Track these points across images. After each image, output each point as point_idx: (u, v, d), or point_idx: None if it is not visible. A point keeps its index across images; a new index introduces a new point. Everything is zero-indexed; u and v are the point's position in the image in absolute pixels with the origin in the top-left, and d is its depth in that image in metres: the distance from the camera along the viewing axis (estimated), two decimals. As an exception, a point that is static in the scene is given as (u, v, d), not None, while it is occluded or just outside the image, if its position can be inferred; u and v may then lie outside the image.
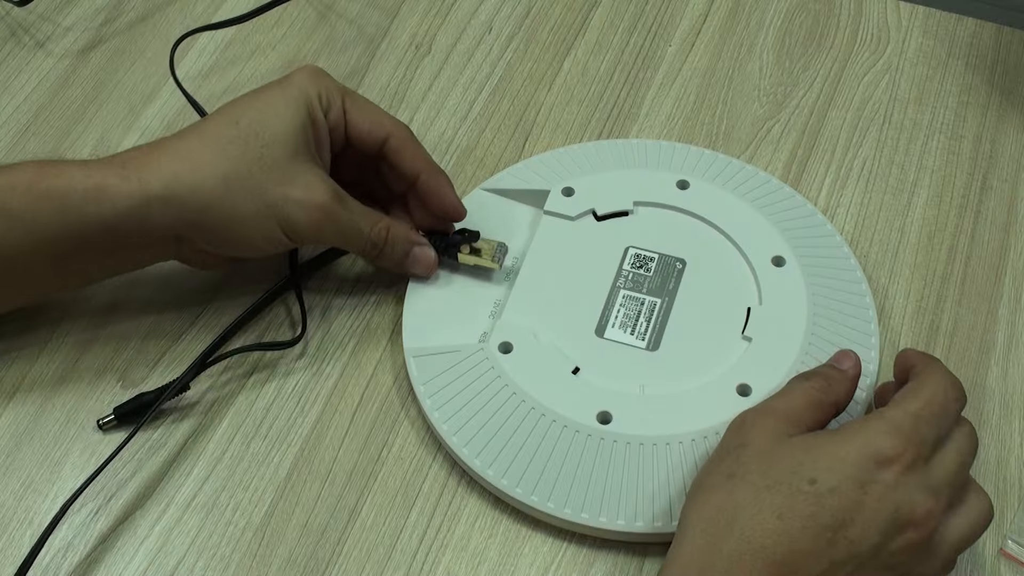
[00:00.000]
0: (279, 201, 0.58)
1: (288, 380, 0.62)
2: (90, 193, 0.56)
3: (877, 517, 0.48)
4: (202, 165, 0.57)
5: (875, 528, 0.47)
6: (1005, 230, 0.67)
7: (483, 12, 0.77)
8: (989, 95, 0.72)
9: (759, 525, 0.48)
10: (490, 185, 0.67)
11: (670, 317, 0.61)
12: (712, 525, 0.48)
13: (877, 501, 0.48)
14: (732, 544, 0.47)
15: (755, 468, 0.49)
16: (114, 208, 0.56)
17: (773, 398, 0.53)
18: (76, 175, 0.56)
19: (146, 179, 0.56)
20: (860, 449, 0.49)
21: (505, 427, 0.58)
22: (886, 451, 0.48)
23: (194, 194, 0.57)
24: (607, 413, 0.58)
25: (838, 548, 0.47)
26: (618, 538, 0.56)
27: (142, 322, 0.64)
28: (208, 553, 0.57)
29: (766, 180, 0.67)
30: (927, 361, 0.53)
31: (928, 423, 0.50)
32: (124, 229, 0.57)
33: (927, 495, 0.48)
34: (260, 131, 0.58)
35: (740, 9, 0.77)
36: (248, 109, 0.59)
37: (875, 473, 0.48)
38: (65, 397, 0.61)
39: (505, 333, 0.60)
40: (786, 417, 0.51)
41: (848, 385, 0.54)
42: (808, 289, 0.61)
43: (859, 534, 0.47)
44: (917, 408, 0.50)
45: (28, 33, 0.77)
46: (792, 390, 0.53)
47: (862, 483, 0.48)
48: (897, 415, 0.50)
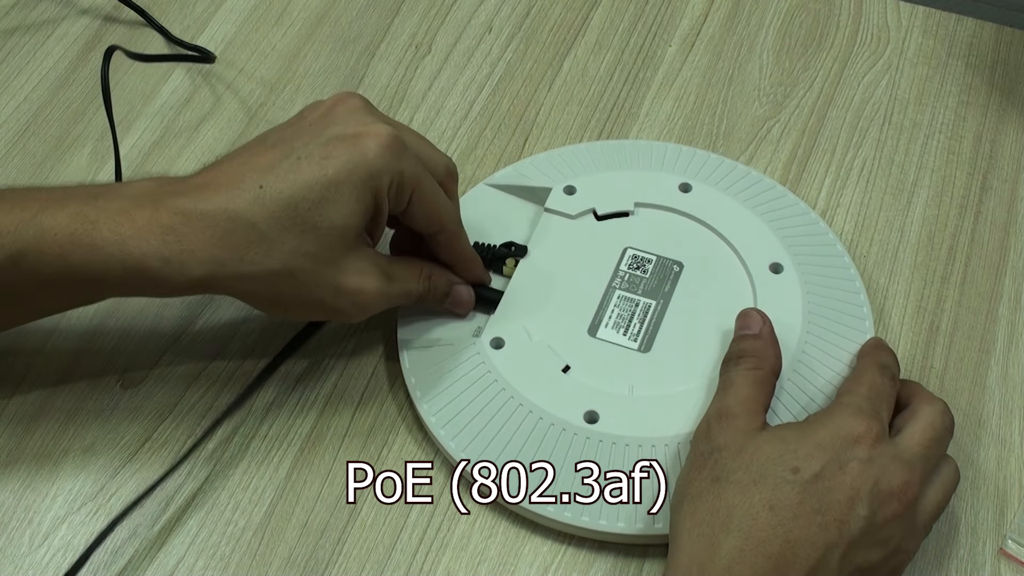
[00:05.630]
0: (328, 297, 0.55)
1: (288, 380, 0.62)
2: (130, 275, 0.52)
3: (860, 493, 0.49)
4: (249, 256, 0.52)
5: (860, 504, 0.49)
6: (1005, 230, 0.67)
7: (483, 12, 0.77)
8: (989, 95, 0.72)
9: (753, 520, 0.48)
10: (492, 180, 0.67)
11: (664, 320, 0.61)
12: (707, 528, 0.49)
13: (856, 478, 0.49)
14: (731, 542, 0.48)
15: (737, 467, 0.50)
16: (156, 289, 0.54)
17: (722, 398, 0.54)
18: (112, 252, 0.52)
19: (188, 265, 0.52)
20: (832, 432, 0.51)
21: (493, 422, 0.58)
22: (855, 429, 0.51)
23: (238, 283, 0.53)
24: (594, 413, 0.58)
25: (830, 531, 0.48)
26: (600, 538, 0.56)
27: (142, 322, 0.64)
28: (208, 553, 0.57)
29: (769, 186, 0.66)
30: (863, 352, 0.58)
31: (878, 402, 0.53)
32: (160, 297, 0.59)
33: (900, 466, 0.50)
34: (319, 223, 0.53)
35: (740, 9, 0.77)
36: (309, 192, 0.53)
37: (849, 451, 0.50)
38: (65, 397, 0.61)
39: (498, 329, 0.60)
40: (745, 410, 0.53)
41: (772, 347, 0.56)
42: (804, 297, 0.61)
43: (847, 513, 0.49)
44: (865, 390, 0.53)
45: (28, 33, 0.77)
46: (732, 381, 0.55)
47: (840, 464, 0.50)
48: (852, 399, 0.53)
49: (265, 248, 0.53)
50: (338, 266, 0.55)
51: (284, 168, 0.53)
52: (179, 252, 0.52)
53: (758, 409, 0.53)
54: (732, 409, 0.53)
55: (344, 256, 0.55)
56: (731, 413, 0.53)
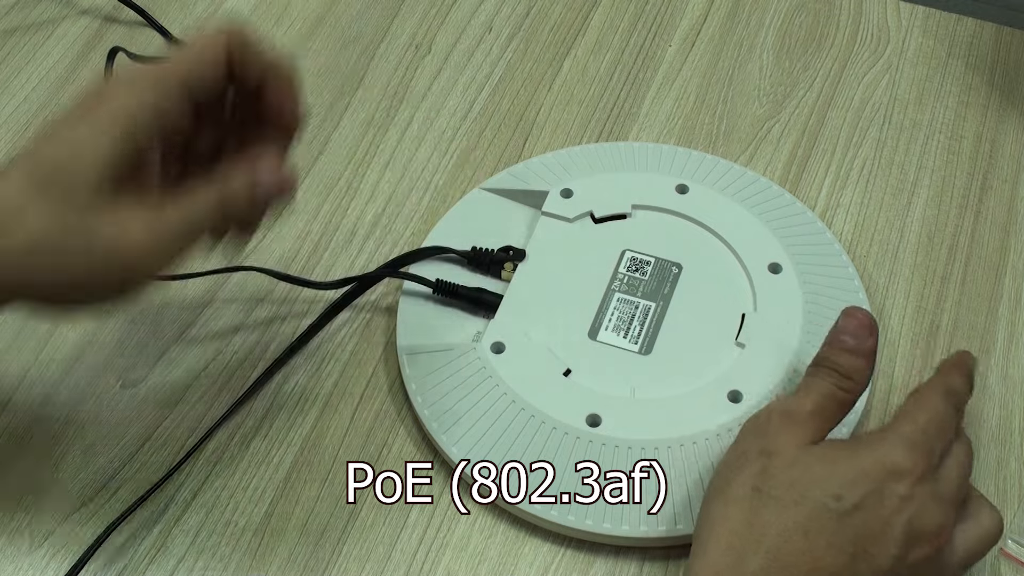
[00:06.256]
0: (81, 267, 0.47)
1: (288, 380, 0.62)
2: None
3: (894, 531, 0.48)
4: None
5: (893, 542, 0.48)
6: (1005, 230, 0.67)
7: (483, 12, 0.77)
8: (989, 95, 0.72)
9: (785, 543, 0.47)
10: (489, 185, 0.67)
11: (664, 321, 0.61)
12: (739, 540, 0.48)
13: (893, 514, 0.48)
14: (758, 562, 0.47)
15: (782, 482, 0.49)
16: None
17: (798, 399, 0.52)
18: None
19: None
20: (879, 462, 0.49)
21: (495, 427, 0.58)
22: (901, 464, 0.49)
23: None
24: (596, 416, 0.58)
25: (859, 563, 0.47)
26: (601, 540, 0.56)
27: (142, 322, 0.64)
28: (208, 553, 0.57)
29: (767, 186, 0.66)
30: (942, 369, 0.54)
31: (936, 436, 0.50)
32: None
33: (938, 506, 0.49)
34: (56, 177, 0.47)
35: (740, 9, 0.77)
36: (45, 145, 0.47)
37: (892, 485, 0.48)
38: (65, 397, 0.62)
39: (498, 333, 0.60)
40: (812, 423, 0.51)
41: (868, 370, 0.53)
42: (804, 297, 0.61)
43: (879, 549, 0.47)
44: (925, 421, 0.50)
45: (28, 33, 0.77)
46: (814, 388, 0.52)
47: (881, 497, 0.48)
48: (908, 429, 0.50)
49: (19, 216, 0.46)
50: (87, 224, 0.47)
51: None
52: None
53: (824, 427, 0.51)
54: (801, 416, 0.51)
55: (92, 210, 0.47)
56: (798, 420, 0.51)
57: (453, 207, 0.67)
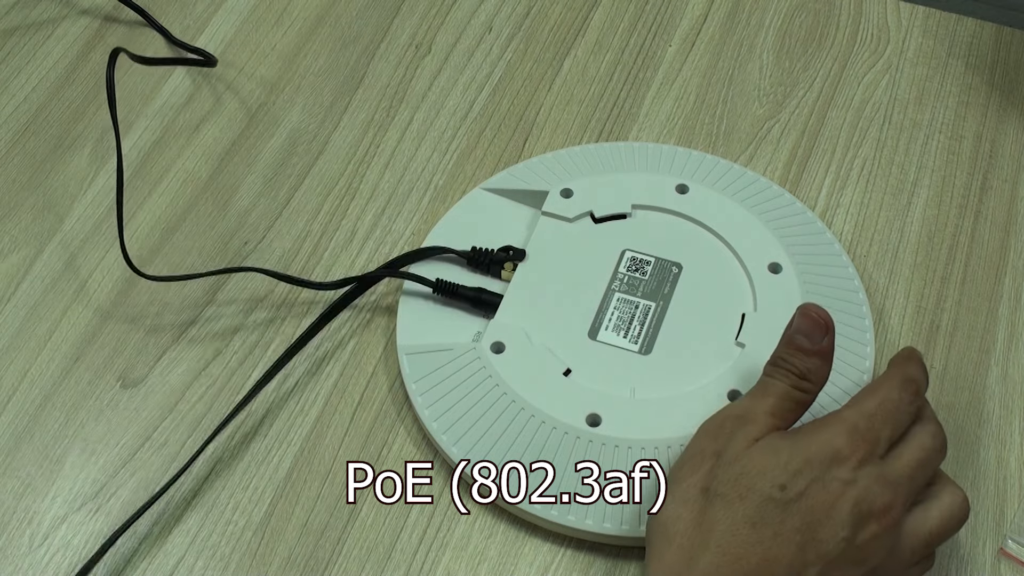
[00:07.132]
0: None
1: (288, 380, 0.62)
2: None
3: (840, 514, 0.48)
4: None
5: (839, 524, 0.48)
6: (1005, 230, 0.67)
7: (483, 12, 0.77)
8: (989, 95, 0.72)
9: (734, 536, 0.48)
10: (489, 185, 0.67)
11: (664, 321, 0.61)
12: (688, 540, 0.49)
13: (838, 498, 0.48)
14: (708, 557, 0.48)
15: (728, 478, 0.49)
16: None
17: (753, 401, 0.52)
18: None
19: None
20: (821, 448, 0.49)
21: (495, 427, 0.58)
22: (842, 449, 0.49)
23: None
24: (596, 416, 0.58)
25: (807, 550, 0.48)
26: (606, 541, 0.56)
27: (142, 322, 0.64)
28: (208, 553, 0.57)
29: (767, 186, 0.66)
30: (894, 362, 0.54)
31: (884, 421, 0.51)
32: None
33: (883, 487, 0.49)
34: None
35: (740, 9, 0.77)
36: None
37: (833, 470, 0.49)
38: (65, 397, 0.62)
39: (498, 333, 0.60)
40: (767, 424, 0.51)
41: (826, 368, 0.53)
42: (804, 297, 0.61)
43: (826, 533, 0.48)
44: (872, 407, 0.51)
45: (28, 33, 0.77)
46: (767, 390, 0.52)
47: (824, 483, 0.49)
48: (852, 415, 0.51)
49: None
50: None
51: None
52: None
53: (780, 426, 0.51)
54: (756, 417, 0.51)
55: None
56: (752, 421, 0.51)
57: (453, 207, 0.67)
